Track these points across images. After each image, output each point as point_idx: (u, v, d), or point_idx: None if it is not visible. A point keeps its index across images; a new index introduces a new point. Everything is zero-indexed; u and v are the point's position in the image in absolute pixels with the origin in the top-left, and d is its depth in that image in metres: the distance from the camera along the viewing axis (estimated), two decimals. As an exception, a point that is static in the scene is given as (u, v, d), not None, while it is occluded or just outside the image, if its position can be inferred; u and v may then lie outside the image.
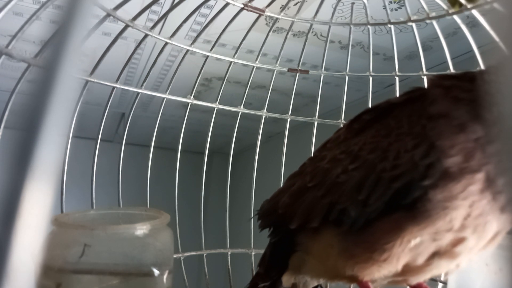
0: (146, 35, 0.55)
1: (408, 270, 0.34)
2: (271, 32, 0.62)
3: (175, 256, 0.56)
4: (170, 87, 0.60)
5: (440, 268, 0.34)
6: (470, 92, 0.32)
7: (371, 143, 0.36)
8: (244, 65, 0.64)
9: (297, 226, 0.38)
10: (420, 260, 0.33)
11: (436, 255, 0.33)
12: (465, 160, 0.30)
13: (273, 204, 0.42)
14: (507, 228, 0.33)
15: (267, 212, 0.43)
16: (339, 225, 0.35)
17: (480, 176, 0.30)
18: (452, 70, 0.58)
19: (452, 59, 0.59)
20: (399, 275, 0.34)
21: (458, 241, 0.32)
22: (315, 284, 0.45)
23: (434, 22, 0.57)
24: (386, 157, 0.33)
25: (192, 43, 0.59)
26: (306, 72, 0.67)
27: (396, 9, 0.92)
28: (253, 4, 0.57)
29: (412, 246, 0.32)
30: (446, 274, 0.51)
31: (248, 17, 0.58)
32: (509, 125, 0.13)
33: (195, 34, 0.59)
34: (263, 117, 0.66)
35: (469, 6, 0.51)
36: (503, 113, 0.13)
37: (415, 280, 0.36)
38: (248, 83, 0.64)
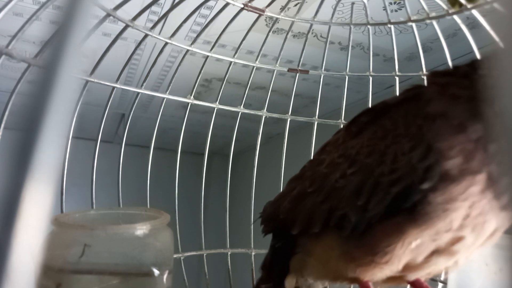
0: (146, 35, 0.55)
1: (407, 267, 0.34)
2: (271, 32, 0.62)
3: (175, 256, 0.56)
4: (170, 87, 0.60)
5: (439, 265, 0.34)
6: (468, 89, 0.32)
7: (368, 146, 0.35)
8: (244, 66, 0.64)
9: (298, 231, 0.38)
10: (420, 259, 0.33)
11: (435, 253, 0.33)
12: (465, 161, 0.30)
13: (275, 209, 0.42)
14: (506, 225, 0.33)
15: (269, 217, 0.43)
16: (340, 229, 0.35)
17: (481, 177, 0.30)
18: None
19: (452, 60, 0.58)
20: (398, 272, 0.34)
21: (457, 240, 0.32)
22: (320, 287, 0.44)
23: (434, 22, 0.57)
24: (383, 160, 0.33)
25: (192, 43, 0.59)
26: (306, 72, 0.67)
27: (396, 10, 0.92)
28: (253, 4, 0.57)
29: (413, 247, 0.32)
30: (446, 274, 0.51)
31: (248, 17, 0.58)
32: (509, 123, 0.13)
33: (195, 35, 0.59)
34: (263, 117, 0.66)
35: (469, 6, 0.51)
36: (503, 111, 0.13)
37: (413, 276, 0.36)
38: (248, 83, 0.64)
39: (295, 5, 0.77)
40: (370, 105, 0.64)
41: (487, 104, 0.30)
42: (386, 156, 0.33)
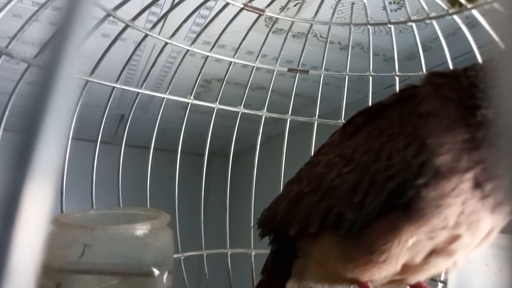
0: (146, 35, 0.55)
1: (407, 269, 0.34)
2: (271, 33, 0.62)
3: (175, 256, 0.56)
4: (170, 87, 0.60)
5: (438, 266, 0.34)
6: (457, 92, 0.32)
7: (364, 145, 0.36)
8: (244, 66, 0.64)
9: (296, 232, 0.38)
10: (418, 259, 0.33)
11: (433, 253, 0.33)
12: (454, 160, 0.30)
13: (272, 212, 0.42)
14: (501, 226, 0.33)
15: (266, 220, 0.43)
16: (337, 228, 0.35)
17: (469, 176, 0.30)
18: (451, 70, 0.58)
19: (452, 59, 0.59)
20: (398, 274, 0.34)
21: (454, 239, 0.32)
22: None
23: (434, 22, 0.57)
24: (379, 158, 0.34)
25: (192, 43, 0.59)
26: (306, 72, 0.67)
27: (395, 10, 0.92)
28: (253, 4, 0.57)
29: (409, 246, 0.32)
30: (446, 274, 0.51)
31: (247, 17, 0.58)
32: (509, 125, 0.13)
33: (194, 35, 0.59)
34: (263, 117, 0.66)
35: (469, 6, 0.51)
36: (503, 112, 0.13)
37: (414, 279, 0.36)
38: (248, 83, 0.64)
39: (295, 5, 0.77)
40: (369, 105, 0.64)
41: (472, 110, 0.30)
42: (381, 154, 0.34)
